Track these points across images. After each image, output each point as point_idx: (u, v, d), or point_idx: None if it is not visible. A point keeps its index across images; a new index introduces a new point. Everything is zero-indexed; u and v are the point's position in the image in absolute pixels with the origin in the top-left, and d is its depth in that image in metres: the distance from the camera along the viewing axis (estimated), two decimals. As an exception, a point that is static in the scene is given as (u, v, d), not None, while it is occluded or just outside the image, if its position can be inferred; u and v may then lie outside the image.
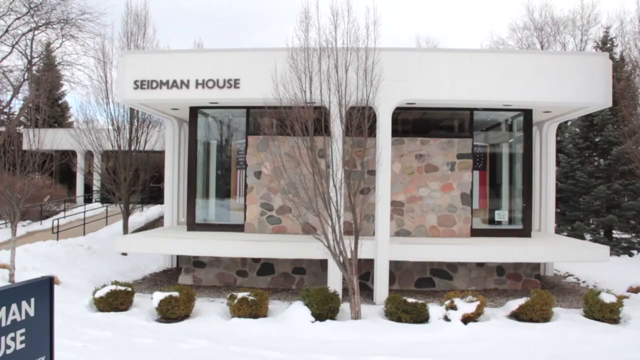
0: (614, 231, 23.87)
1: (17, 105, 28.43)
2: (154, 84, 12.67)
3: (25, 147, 27.63)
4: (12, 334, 3.79)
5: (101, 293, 11.13)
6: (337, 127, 11.34)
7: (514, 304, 11.06)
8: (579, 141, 23.91)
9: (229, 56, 12.90)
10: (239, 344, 9.38)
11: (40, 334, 4.09)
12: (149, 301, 11.59)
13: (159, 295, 10.85)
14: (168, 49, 18.77)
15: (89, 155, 26.65)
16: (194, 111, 14.33)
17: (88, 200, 28.28)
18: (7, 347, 3.75)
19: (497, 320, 10.81)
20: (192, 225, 14.32)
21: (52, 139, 17.38)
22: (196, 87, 12.58)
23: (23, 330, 3.90)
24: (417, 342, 9.62)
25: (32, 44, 26.45)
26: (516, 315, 10.94)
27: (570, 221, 24.25)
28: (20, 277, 12.41)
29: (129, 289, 11.36)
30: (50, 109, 28.37)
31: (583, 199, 23.06)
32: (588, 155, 23.59)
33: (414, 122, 14.76)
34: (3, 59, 25.23)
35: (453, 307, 10.65)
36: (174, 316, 10.73)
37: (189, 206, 14.60)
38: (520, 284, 13.89)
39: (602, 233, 23.91)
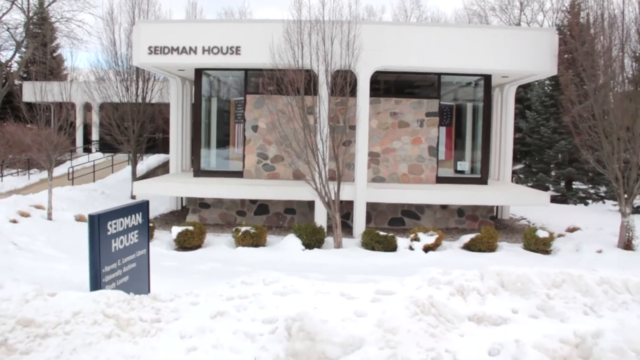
0: (573, 183, 26.92)
1: (9, 59, 30.12)
2: (166, 50, 15.01)
3: (25, 99, 29.57)
4: (133, 232, 6.49)
5: (128, 227, 13.81)
6: (323, 91, 13.95)
7: (466, 237, 14.02)
8: (545, 99, 26.64)
9: (231, 27, 15.28)
10: (245, 265, 12.15)
11: (143, 235, 6.79)
12: (165, 235, 14.32)
13: (176, 229, 13.58)
14: (178, 19, 20.95)
15: (86, 107, 28.88)
16: (199, 72, 16.74)
17: (86, 150, 30.60)
18: (131, 240, 6.44)
19: (452, 250, 13.77)
20: (198, 171, 16.96)
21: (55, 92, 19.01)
22: (202, 53, 14.94)
23: (137, 231, 6.59)
24: (387, 265, 12.48)
25: (29, -1, 28.17)
26: (468, 247, 13.86)
27: (535, 173, 27.23)
28: (55, 215, 15.02)
29: (151, 224, 14.00)
30: (46, 62, 30.23)
31: (547, 153, 25.93)
32: (553, 113, 26.21)
33: (390, 84, 17.33)
34: (4, 14, 26.94)
35: (417, 239, 13.54)
36: (189, 246, 13.48)
37: (195, 155, 17.22)
38: (477, 224, 16.80)
39: (562, 184, 26.97)
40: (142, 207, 6.75)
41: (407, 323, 4.62)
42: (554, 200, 26.10)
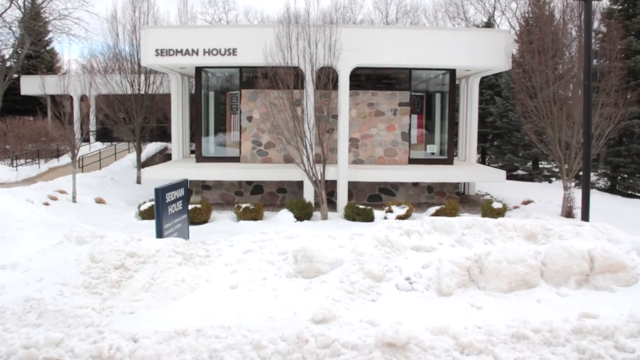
0: (540, 162, 30.08)
1: (11, 54, 32.45)
2: (171, 52, 17.71)
3: (23, 92, 31.92)
4: (179, 202, 9.33)
5: (144, 207, 16.65)
6: (310, 87, 16.81)
7: (433, 209, 17.04)
8: (513, 86, 29.59)
9: (229, 31, 18.06)
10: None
11: (184, 205, 9.63)
12: (175, 213, 17.13)
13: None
14: (181, 25, 23.59)
15: (82, 99, 31.38)
16: (199, 70, 19.50)
17: (84, 140, 33.11)
18: (178, 207, 9.29)
19: (421, 220, 16.67)
20: (200, 157, 19.79)
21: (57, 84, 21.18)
22: (203, 54, 17.68)
23: (181, 201, 9.43)
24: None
25: (25, -4, 30.47)
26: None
27: (505, 154, 30.34)
28: (78, 198, 17.74)
29: (163, 203, 16.85)
30: (40, 55, 32.63)
31: (515, 135, 28.99)
32: (520, 98, 29.17)
33: (367, 78, 20.20)
34: (2, 12, 29.20)
35: (390, 211, 16.51)
36: (198, 221, 16.28)
37: (197, 143, 20.03)
38: (444, 199, 19.79)
39: (530, 164, 30.13)
40: (183, 184, 9.60)
41: (371, 250, 7.56)
42: (522, 178, 29.39)
